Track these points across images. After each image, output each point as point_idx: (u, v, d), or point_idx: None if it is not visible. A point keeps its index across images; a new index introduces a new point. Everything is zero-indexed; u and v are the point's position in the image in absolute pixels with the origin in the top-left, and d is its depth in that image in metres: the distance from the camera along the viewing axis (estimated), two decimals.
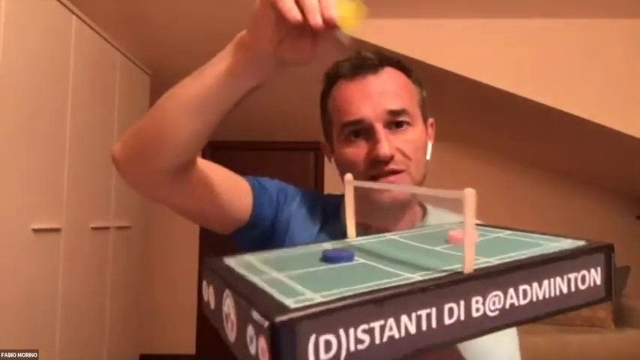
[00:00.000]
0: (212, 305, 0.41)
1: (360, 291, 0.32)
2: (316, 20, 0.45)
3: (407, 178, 0.71)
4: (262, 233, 0.78)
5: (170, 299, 3.85)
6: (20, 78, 1.61)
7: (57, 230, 1.83)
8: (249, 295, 0.33)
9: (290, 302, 0.31)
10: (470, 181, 3.45)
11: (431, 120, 0.80)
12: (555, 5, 2.24)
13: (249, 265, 0.42)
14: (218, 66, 0.54)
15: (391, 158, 0.69)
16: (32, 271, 1.68)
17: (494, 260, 0.38)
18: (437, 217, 0.80)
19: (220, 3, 2.26)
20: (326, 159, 0.87)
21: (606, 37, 2.32)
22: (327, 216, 0.81)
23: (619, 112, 2.30)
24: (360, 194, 0.72)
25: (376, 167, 0.70)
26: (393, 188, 0.45)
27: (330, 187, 3.85)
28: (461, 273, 0.35)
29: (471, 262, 0.35)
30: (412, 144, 0.71)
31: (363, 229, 0.74)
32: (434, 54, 2.37)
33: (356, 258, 0.42)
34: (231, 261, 0.43)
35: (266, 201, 0.77)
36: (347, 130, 0.72)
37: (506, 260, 0.38)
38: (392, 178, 0.70)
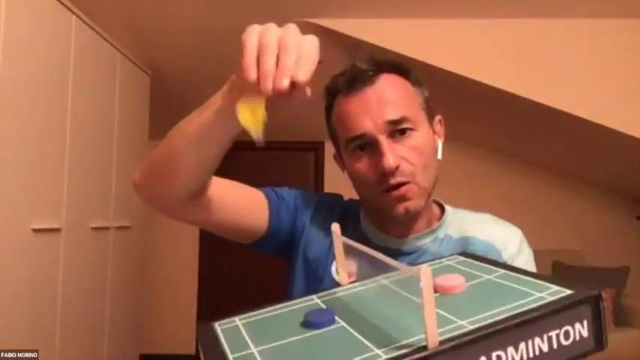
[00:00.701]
0: None
1: None
2: (266, 88, 0.46)
3: (414, 187, 0.71)
4: (281, 242, 0.81)
5: (170, 299, 3.85)
6: (20, 78, 1.61)
7: (57, 230, 1.83)
8: None
9: None
10: (469, 181, 3.45)
11: (438, 117, 0.80)
12: (555, 5, 2.24)
13: (233, 334, 0.44)
14: (215, 105, 0.58)
15: (397, 169, 0.69)
16: (32, 271, 1.68)
17: (467, 324, 0.37)
18: (454, 217, 0.81)
19: (220, 4, 2.26)
20: (326, 159, 0.87)
21: (606, 37, 2.32)
22: (347, 221, 0.82)
23: (619, 112, 2.30)
24: (374, 208, 0.75)
25: (384, 181, 0.70)
26: (372, 253, 0.46)
27: (330, 187, 3.85)
28: (425, 348, 0.34)
29: (434, 337, 0.34)
30: (417, 150, 0.71)
31: (383, 233, 0.78)
32: (434, 54, 2.38)
33: (337, 320, 0.43)
34: (218, 328, 0.46)
35: (283, 211, 0.80)
36: (352, 145, 0.73)
37: (479, 325, 0.36)
38: (402, 190, 0.70)
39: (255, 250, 0.82)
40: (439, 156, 0.77)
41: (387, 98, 0.71)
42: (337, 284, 0.54)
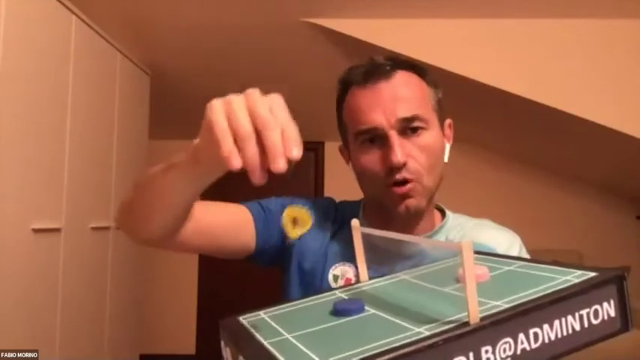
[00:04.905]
0: None
1: (366, 354, 0.32)
2: (258, 178, 0.42)
3: (418, 187, 0.71)
4: (273, 255, 0.81)
5: (170, 299, 3.85)
6: (20, 78, 1.61)
7: (57, 230, 1.83)
8: None
9: None
10: (469, 181, 3.44)
11: (448, 121, 0.80)
12: (556, 5, 2.24)
13: (261, 324, 0.43)
14: (182, 172, 0.56)
15: (404, 165, 0.69)
16: (32, 271, 1.68)
17: (502, 304, 0.38)
18: (455, 222, 0.81)
19: (220, 4, 2.26)
20: (326, 159, 0.87)
21: (606, 37, 2.32)
22: (343, 222, 0.81)
23: (619, 112, 2.30)
24: (378, 204, 0.75)
25: (390, 175, 0.70)
26: (397, 237, 0.46)
27: (330, 187, 3.85)
28: (467, 324, 0.35)
29: (476, 312, 0.35)
30: (426, 149, 0.71)
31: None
32: (434, 54, 2.37)
33: (366, 308, 0.42)
34: (244, 320, 0.45)
35: (271, 225, 0.79)
36: (361, 138, 0.73)
37: (515, 304, 0.37)
38: (405, 187, 0.70)
39: (250, 263, 0.81)
40: (446, 159, 0.77)
41: (402, 95, 0.71)
42: None
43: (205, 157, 0.50)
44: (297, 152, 0.42)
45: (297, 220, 0.48)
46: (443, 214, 0.84)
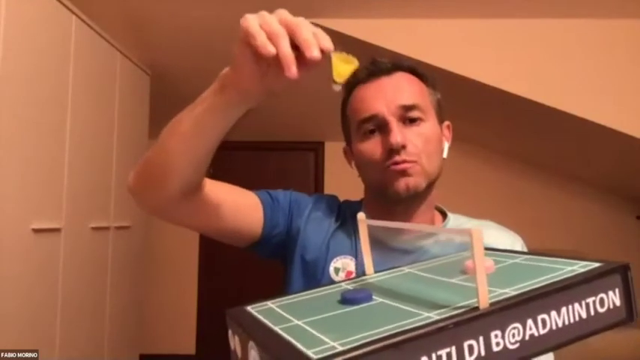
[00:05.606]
0: (239, 355, 0.42)
1: (378, 336, 0.32)
2: (292, 71, 0.47)
3: (418, 167, 0.73)
4: (276, 245, 0.82)
5: (170, 299, 3.85)
6: (20, 78, 1.61)
7: (57, 230, 1.83)
8: (273, 348, 0.35)
9: (311, 353, 0.31)
10: (469, 182, 3.44)
11: (447, 123, 0.83)
12: (556, 5, 2.24)
13: (269, 312, 0.43)
14: (208, 102, 0.58)
15: (403, 147, 0.71)
16: (32, 271, 1.68)
17: (510, 291, 0.38)
18: (456, 222, 0.83)
19: (220, 4, 2.26)
20: (326, 159, 0.87)
21: (606, 37, 2.32)
22: (346, 217, 0.83)
23: (619, 112, 2.30)
24: (378, 188, 0.76)
25: (390, 157, 0.72)
26: (404, 226, 0.47)
27: (330, 187, 3.85)
28: (477, 309, 0.35)
29: (486, 297, 0.35)
30: (423, 137, 0.74)
31: (386, 231, 0.77)
32: (434, 54, 2.37)
33: (374, 297, 0.43)
34: (252, 309, 0.45)
35: (278, 214, 0.80)
36: (363, 128, 0.75)
37: (522, 290, 0.38)
38: (404, 165, 0.72)
39: (251, 252, 0.82)
40: (445, 154, 0.79)
41: (402, 87, 0.75)
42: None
43: (233, 81, 0.54)
44: (328, 44, 0.48)
45: (345, 60, 0.50)
46: (444, 216, 0.85)
